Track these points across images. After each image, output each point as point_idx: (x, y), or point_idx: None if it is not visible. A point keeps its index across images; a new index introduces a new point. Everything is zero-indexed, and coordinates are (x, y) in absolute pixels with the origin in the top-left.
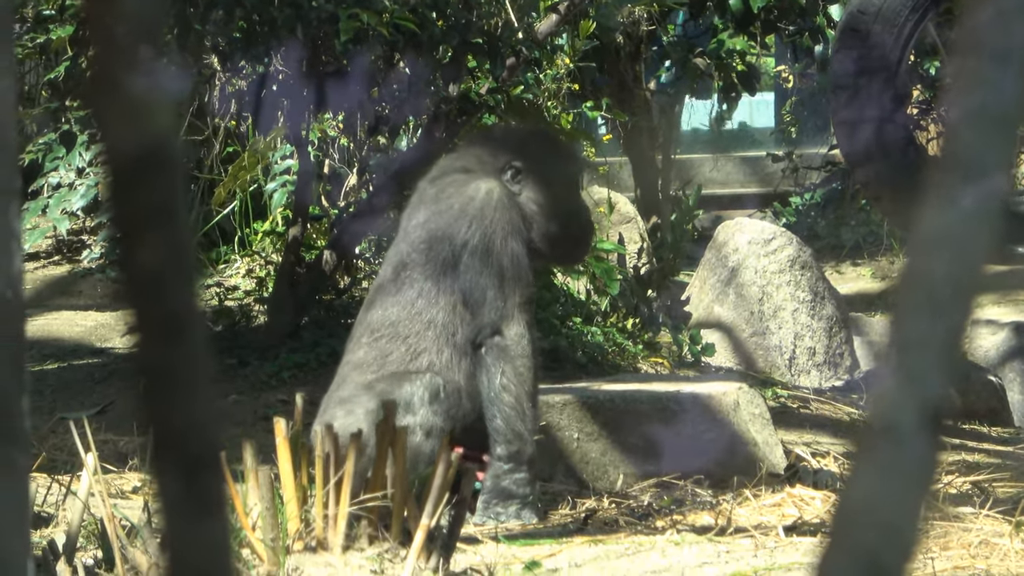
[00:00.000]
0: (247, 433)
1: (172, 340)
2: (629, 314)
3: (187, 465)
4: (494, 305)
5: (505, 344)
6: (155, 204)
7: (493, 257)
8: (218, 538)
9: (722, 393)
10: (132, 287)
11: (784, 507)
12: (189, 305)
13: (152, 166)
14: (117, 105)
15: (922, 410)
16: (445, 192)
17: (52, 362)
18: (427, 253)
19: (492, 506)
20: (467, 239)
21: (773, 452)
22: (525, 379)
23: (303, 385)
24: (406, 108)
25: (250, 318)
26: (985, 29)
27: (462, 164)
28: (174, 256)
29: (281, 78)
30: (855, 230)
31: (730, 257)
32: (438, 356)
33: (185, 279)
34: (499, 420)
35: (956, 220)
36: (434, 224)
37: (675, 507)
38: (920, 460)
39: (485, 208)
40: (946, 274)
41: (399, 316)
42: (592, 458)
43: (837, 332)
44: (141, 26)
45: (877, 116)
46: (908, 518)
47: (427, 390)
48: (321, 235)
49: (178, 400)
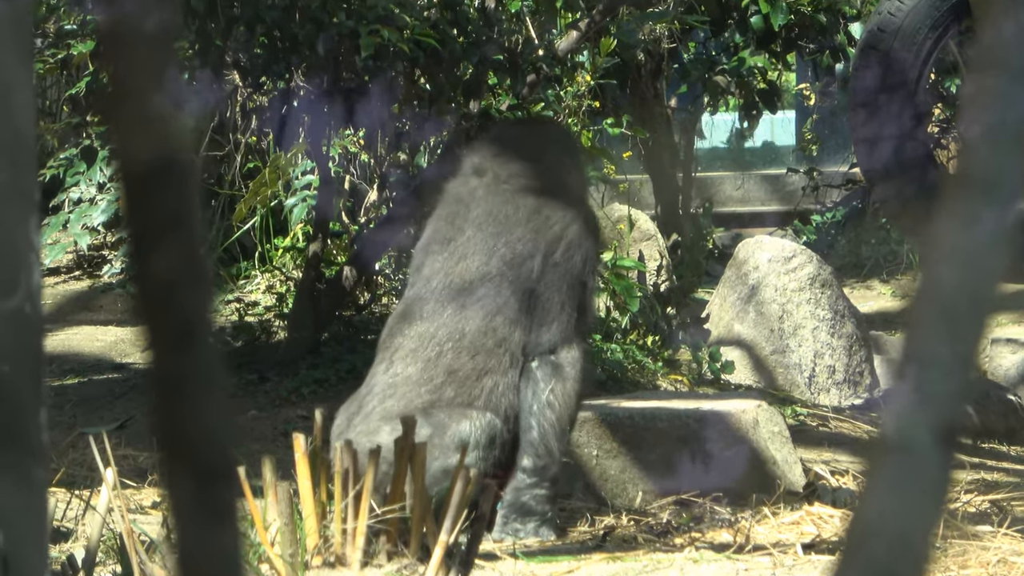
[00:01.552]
0: (267, 449)
1: (184, 349)
2: (649, 331)
3: (199, 474)
4: (561, 325)
5: (559, 363)
6: (168, 215)
7: (576, 281)
8: (229, 547)
9: (741, 411)
10: (145, 297)
11: (803, 525)
12: (201, 315)
13: (165, 177)
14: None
15: (936, 426)
16: (544, 211)
17: (72, 377)
18: (517, 270)
19: (511, 522)
20: (557, 262)
21: (792, 470)
22: (571, 402)
23: (323, 401)
24: (427, 125)
25: (270, 334)
26: (1005, 46)
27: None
28: (187, 266)
29: (302, 94)
30: (875, 248)
31: (750, 275)
32: (503, 377)
33: (198, 289)
34: (535, 433)
35: (971, 236)
36: (532, 245)
37: (694, 524)
38: (934, 476)
39: (583, 237)
40: (961, 290)
41: (471, 329)
42: (611, 475)
43: (857, 350)
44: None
45: (897, 134)
46: (922, 534)
47: (485, 434)
48: (341, 251)
49: (190, 409)
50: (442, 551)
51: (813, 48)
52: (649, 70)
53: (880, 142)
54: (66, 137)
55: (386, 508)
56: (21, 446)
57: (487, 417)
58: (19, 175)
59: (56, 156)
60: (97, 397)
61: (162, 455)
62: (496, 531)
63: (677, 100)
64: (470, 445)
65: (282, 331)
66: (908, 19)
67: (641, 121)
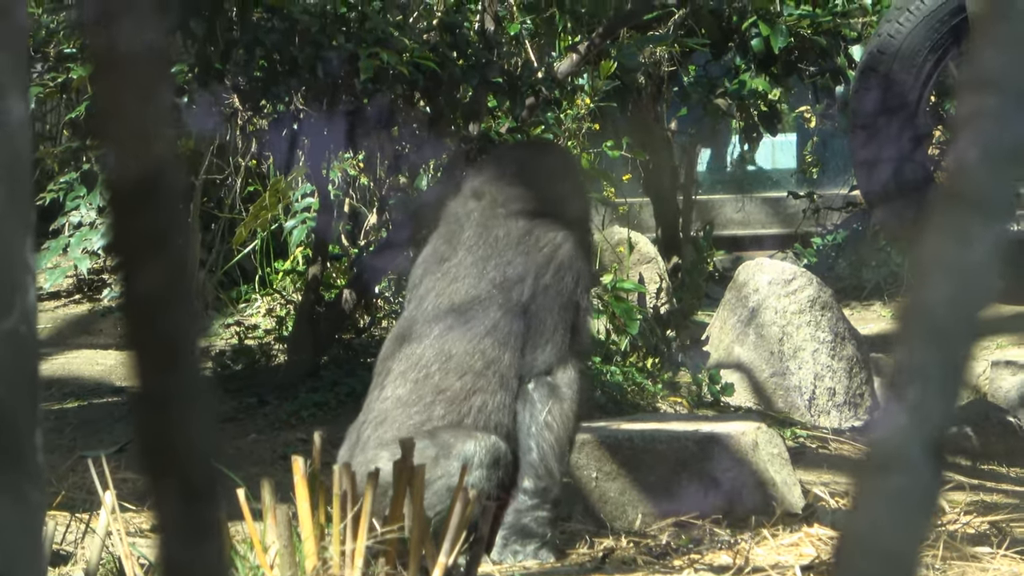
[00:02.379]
0: (266, 472)
1: (168, 366)
2: (649, 354)
3: (183, 491)
4: (555, 346)
5: (556, 384)
6: (154, 233)
7: (568, 303)
8: (214, 564)
9: (741, 433)
10: (130, 316)
11: (802, 547)
12: (186, 331)
13: (152, 195)
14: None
15: (927, 442)
16: (535, 233)
17: (72, 400)
18: (507, 293)
19: (511, 544)
20: (548, 283)
21: (791, 492)
22: (570, 423)
23: (322, 424)
24: (426, 147)
25: (270, 357)
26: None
27: (542, 201)
28: (171, 283)
29: (302, 117)
30: (876, 271)
31: (750, 297)
32: (492, 397)
33: (182, 305)
34: (535, 455)
35: (963, 253)
36: (522, 268)
37: (693, 546)
38: (924, 492)
39: (573, 258)
40: (952, 306)
41: (458, 351)
42: (611, 497)
43: (857, 372)
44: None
45: (897, 156)
46: (912, 550)
47: (489, 454)
48: (341, 274)
49: (174, 428)
50: (441, 572)
51: (813, 71)
52: (649, 93)
53: (880, 164)
54: (66, 161)
55: (385, 529)
56: (17, 467)
57: (491, 439)
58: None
59: (56, 180)
60: (97, 420)
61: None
62: (496, 553)
63: (677, 123)
64: (473, 464)
65: (282, 354)
66: (908, 41)
67: (641, 144)
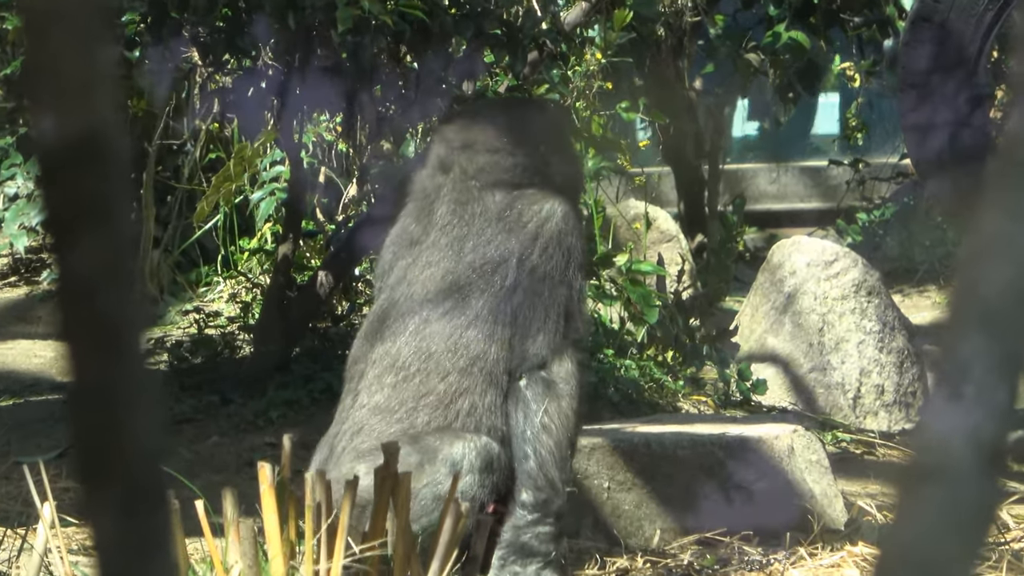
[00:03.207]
0: (229, 480)
1: (107, 355)
2: (668, 346)
3: (125, 502)
4: (547, 335)
5: (551, 379)
6: (90, 200)
7: (560, 285)
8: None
9: (774, 437)
10: (64, 297)
11: (844, 568)
12: (127, 315)
13: (89, 159)
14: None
15: (979, 445)
16: (516, 207)
17: (6, 398)
18: (489, 278)
19: (509, 563)
20: (535, 264)
21: (832, 505)
22: (570, 423)
23: (293, 426)
24: (413, 109)
25: (234, 349)
26: None
27: (523, 170)
28: (112, 261)
29: (271, 74)
30: (929, 251)
31: (786, 281)
32: (480, 398)
33: (122, 286)
34: (532, 462)
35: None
36: (504, 247)
37: (719, 567)
38: (977, 503)
39: (563, 233)
40: (1008, 290)
41: (439, 348)
42: (625, 511)
43: (909, 368)
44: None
45: (952, 119)
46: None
47: (480, 457)
48: (315, 254)
49: (114, 426)
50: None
51: (858, 21)
52: (670, 47)
53: (934, 129)
54: (0, 124)
55: (365, 546)
56: None
57: (482, 439)
58: None
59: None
60: (34, 421)
61: (83, 481)
62: (493, 573)
63: (703, 81)
64: (463, 470)
65: (247, 345)
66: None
67: (660, 105)
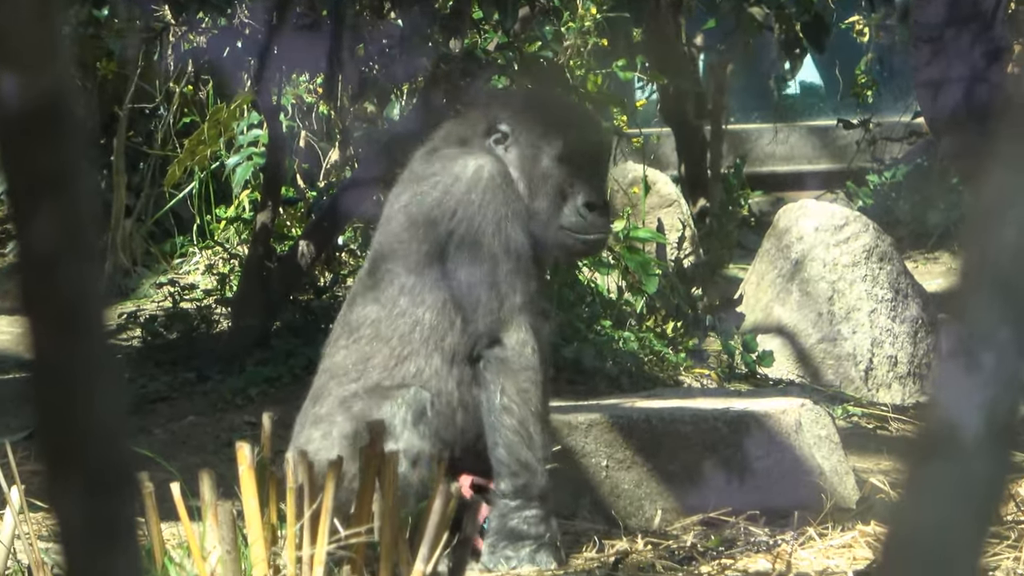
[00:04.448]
0: (206, 461)
1: (68, 332)
2: (669, 316)
3: (88, 484)
4: (488, 308)
5: (504, 355)
6: (50, 170)
7: (484, 250)
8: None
9: (781, 411)
10: (23, 268)
11: (855, 548)
12: (88, 290)
13: (47, 125)
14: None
15: (989, 418)
16: (431, 169)
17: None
18: (409, 244)
19: (501, 549)
20: (452, 228)
21: (843, 482)
22: (530, 397)
23: (274, 404)
24: (398, 69)
25: (211, 323)
26: None
27: (457, 134)
28: (72, 231)
29: (247, 33)
30: (944, 214)
31: (793, 247)
32: (427, 362)
33: (83, 259)
34: (501, 448)
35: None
36: (416, 209)
37: (724, 549)
38: (986, 478)
39: (473, 190)
40: (1020, 254)
41: (380, 315)
42: (624, 490)
43: (923, 337)
44: None
45: (967, 75)
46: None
47: (410, 409)
48: (296, 222)
49: (76, 405)
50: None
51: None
52: (669, 1)
53: (948, 85)
54: None
55: (350, 531)
56: None
57: (410, 391)
58: None
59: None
60: (2, 400)
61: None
62: (485, 558)
63: (704, 37)
64: (396, 429)
65: (225, 320)
66: None
67: (659, 63)
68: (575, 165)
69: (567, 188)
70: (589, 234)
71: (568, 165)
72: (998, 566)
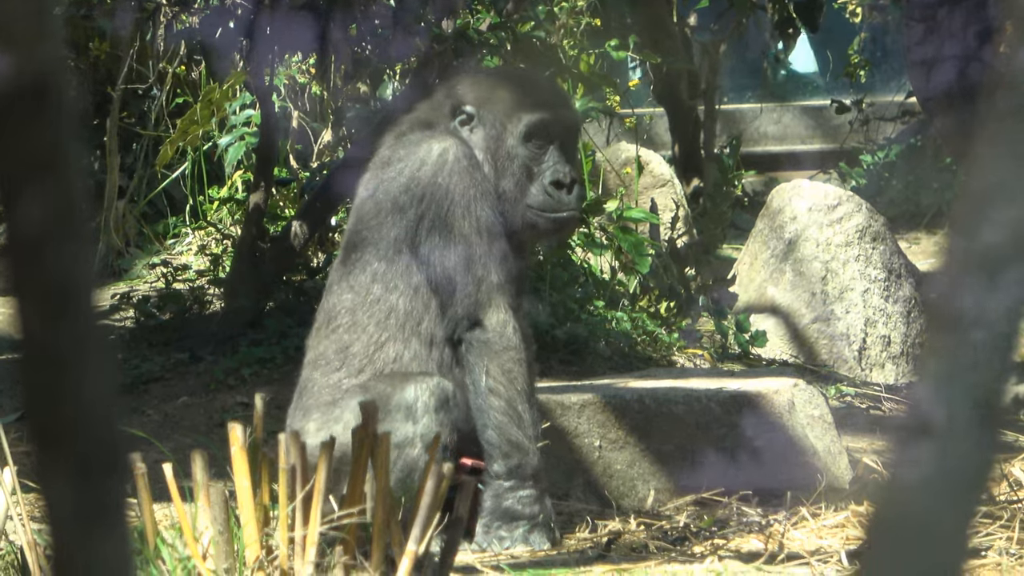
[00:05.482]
0: (199, 442)
1: (57, 313)
2: (662, 296)
3: (78, 466)
4: (466, 291)
5: (486, 337)
6: (38, 150)
7: (455, 233)
8: (117, 556)
9: (774, 391)
10: (13, 249)
11: (848, 529)
12: (78, 271)
13: (36, 104)
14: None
15: (973, 400)
16: (397, 155)
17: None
18: (379, 230)
19: (494, 529)
20: (422, 213)
21: (836, 462)
22: (515, 376)
23: (266, 384)
24: (391, 49)
25: (204, 304)
26: None
27: (424, 117)
28: (62, 212)
29: (240, 13)
30: (937, 194)
31: (786, 227)
32: (405, 347)
33: (73, 240)
34: (491, 430)
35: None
36: (383, 196)
37: (717, 529)
38: (970, 459)
39: (438, 174)
40: (1009, 235)
41: (355, 302)
42: (617, 470)
43: (916, 317)
44: None
45: (961, 54)
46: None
47: (434, 395)
48: (289, 203)
49: (66, 386)
50: (410, 563)
51: None
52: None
53: (941, 64)
54: None
55: (342, 512)
56: None
57: (434, 379)
58: None
59: None
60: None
61: (35, 444)
62: (479, 538)
63: (696, 17)
64: (418, 412)
65: (218, 300)
66: None
67: (652, 43)
68: (541, 143)
69: (533, 167)
70: (557, 212)
71: (533, 143)
72: (991, 546)
